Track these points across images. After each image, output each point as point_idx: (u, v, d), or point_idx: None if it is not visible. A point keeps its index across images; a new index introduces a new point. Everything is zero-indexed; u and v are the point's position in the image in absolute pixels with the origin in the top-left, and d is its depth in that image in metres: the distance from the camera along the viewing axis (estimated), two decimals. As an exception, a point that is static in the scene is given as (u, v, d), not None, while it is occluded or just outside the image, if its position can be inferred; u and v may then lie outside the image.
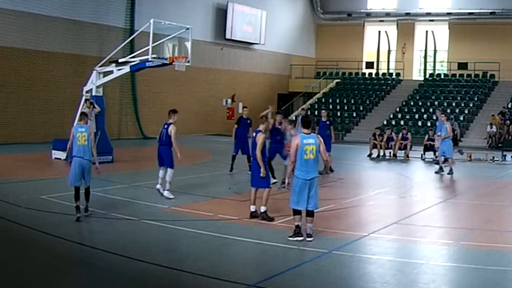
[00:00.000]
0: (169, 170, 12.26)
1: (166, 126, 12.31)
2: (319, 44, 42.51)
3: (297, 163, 8.89)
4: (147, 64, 17.63)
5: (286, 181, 9.13)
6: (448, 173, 17.38)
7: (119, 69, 18.36)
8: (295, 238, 8.92)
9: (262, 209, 10.47)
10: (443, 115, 18.72)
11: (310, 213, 9.02)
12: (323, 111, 19.25)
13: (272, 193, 12.34)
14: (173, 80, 29.81)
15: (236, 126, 16.69)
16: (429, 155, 21.78)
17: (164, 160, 12.30)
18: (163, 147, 12.33)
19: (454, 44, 37.65)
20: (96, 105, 17.79)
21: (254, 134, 10.69)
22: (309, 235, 8.97)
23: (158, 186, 12.48)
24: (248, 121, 16.73)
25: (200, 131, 31.35)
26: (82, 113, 11.20)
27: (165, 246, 8.78)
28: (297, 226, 9.01)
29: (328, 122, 17.63)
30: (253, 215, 10.61)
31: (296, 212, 9.00)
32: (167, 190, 12.29)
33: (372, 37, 40.43)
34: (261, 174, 10.27)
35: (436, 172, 17.84)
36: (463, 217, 11.79)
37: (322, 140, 9.15)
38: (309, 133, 9.04)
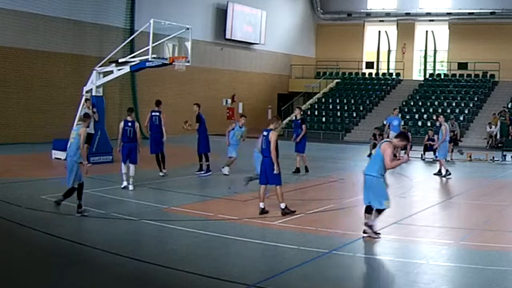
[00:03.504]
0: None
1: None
2: (319, 44, 42.51)
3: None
4: (147, 64, 17.61)
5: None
6: (435, 174, 17.37)
7: (119, 69, 18.34)
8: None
9: (282, 205, 10.84)
10: (440, 116, 18.79)
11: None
12: (296, 109, 18.66)
13: (273, 192, 12.30)
14: (173, 80, 29.80)
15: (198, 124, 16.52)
16: (429, 155, 21.78)
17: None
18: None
19: (454, 44, 37.65)
20: (95, 113, 17.69)
21: (265, 133, 10.88)
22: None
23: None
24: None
25: (200, 131, 31.30)
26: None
27: (165, 246, 8.78)
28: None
29: (299, 121, 17.32)
30: (264, 211, 10.90)
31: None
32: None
33: (372, 37, 40.41)
34: (275, 171, 10.63)
35: (435, 174, 17.89)
36: (463, 217, 11.78)
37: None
38: None
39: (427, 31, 37.69)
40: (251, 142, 13.85)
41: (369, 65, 40.06)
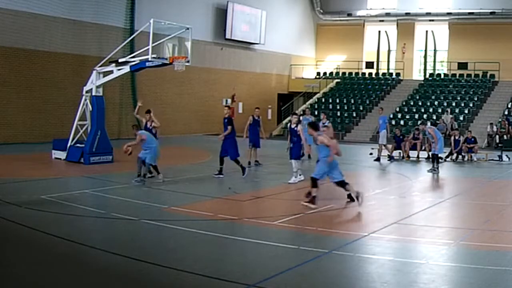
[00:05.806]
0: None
1: None
2: (319, 44, 42.53)
3: None
4: (147, 64, 17.61)
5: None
6: (428, 170, 18.14)
7: (119, 69, 18.34)
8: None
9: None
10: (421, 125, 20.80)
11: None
12: (256, 109, 18.47)
13: (273, 192, 12.34)
14: (173, 80, 29.81)
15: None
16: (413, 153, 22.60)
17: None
18: None
19: (454, 44, 37.68)
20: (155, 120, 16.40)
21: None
22: None
23: None
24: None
25: (200, 131, 31.31)
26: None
27: (165, 246, 8.77)
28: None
29: (258, 119, 17.51)
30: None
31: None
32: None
33: (372, 37, 40.44)
34: None
35: (428, 171, 18.27)
36: (463, 217, 11.78)
37: None
38: None
39: (427, 31, 37.72)
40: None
41: (369, 65, 40.10)
